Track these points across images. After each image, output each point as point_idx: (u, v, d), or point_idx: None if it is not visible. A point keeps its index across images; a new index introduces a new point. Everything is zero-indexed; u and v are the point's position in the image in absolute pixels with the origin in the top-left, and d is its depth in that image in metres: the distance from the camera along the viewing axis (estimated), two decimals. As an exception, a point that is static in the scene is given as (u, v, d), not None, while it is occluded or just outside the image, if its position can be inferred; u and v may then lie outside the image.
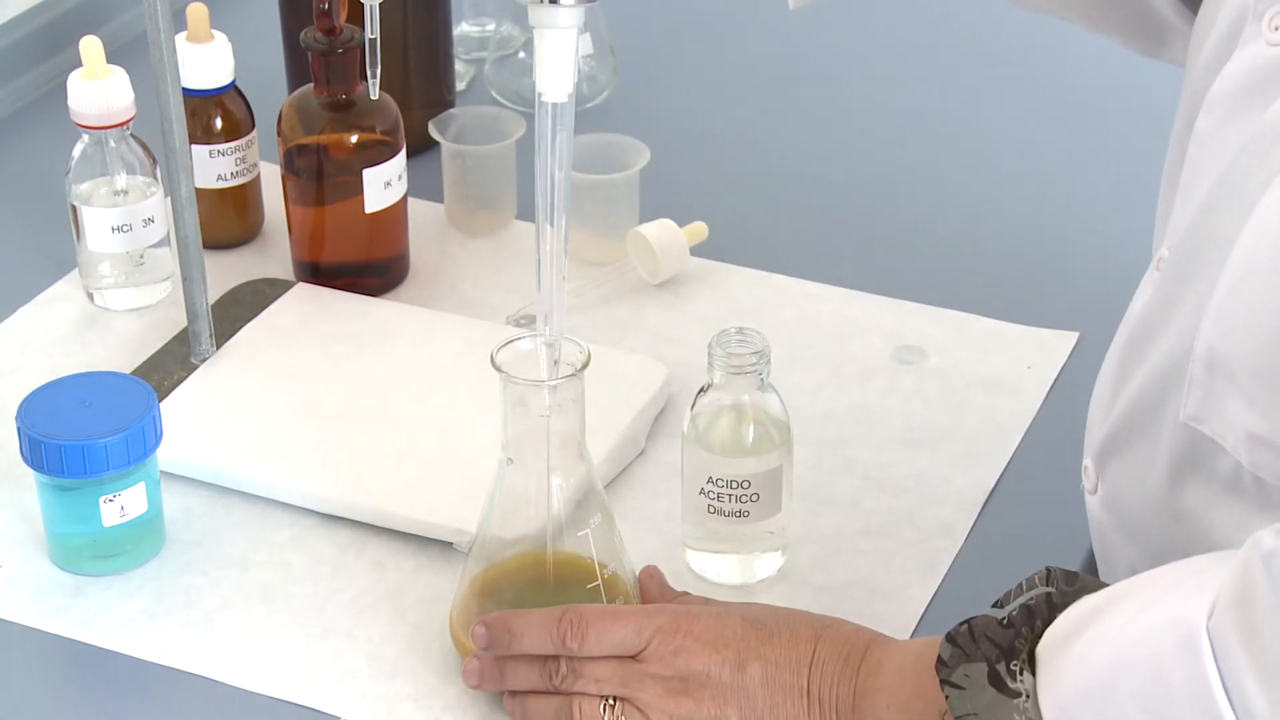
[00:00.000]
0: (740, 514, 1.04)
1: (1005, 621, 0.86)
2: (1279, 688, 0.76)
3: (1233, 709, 0.77)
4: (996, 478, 1.14)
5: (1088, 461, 1.00)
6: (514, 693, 0.97)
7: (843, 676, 0.92)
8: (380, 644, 1.03)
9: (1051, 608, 0.86)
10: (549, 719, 0.95)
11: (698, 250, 1.31)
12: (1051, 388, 1.21)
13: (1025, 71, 1.57)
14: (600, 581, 0.98)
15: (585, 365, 0.95)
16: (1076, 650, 0.83)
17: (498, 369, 0.95)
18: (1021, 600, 0.87)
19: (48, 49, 1.53)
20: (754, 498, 1.04)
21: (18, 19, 1.52)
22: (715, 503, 1.05)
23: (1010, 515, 1.12)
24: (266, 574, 1.08)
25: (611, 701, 0.94)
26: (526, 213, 1.37)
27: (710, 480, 1.04)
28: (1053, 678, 0.83)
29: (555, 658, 0.95)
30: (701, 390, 1.05)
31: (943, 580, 1.07)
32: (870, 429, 1.18)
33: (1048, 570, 0.88)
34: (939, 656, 0.87)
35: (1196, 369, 0.87)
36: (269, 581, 1.07)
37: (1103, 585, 0.86)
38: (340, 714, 0.99)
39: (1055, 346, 1.24)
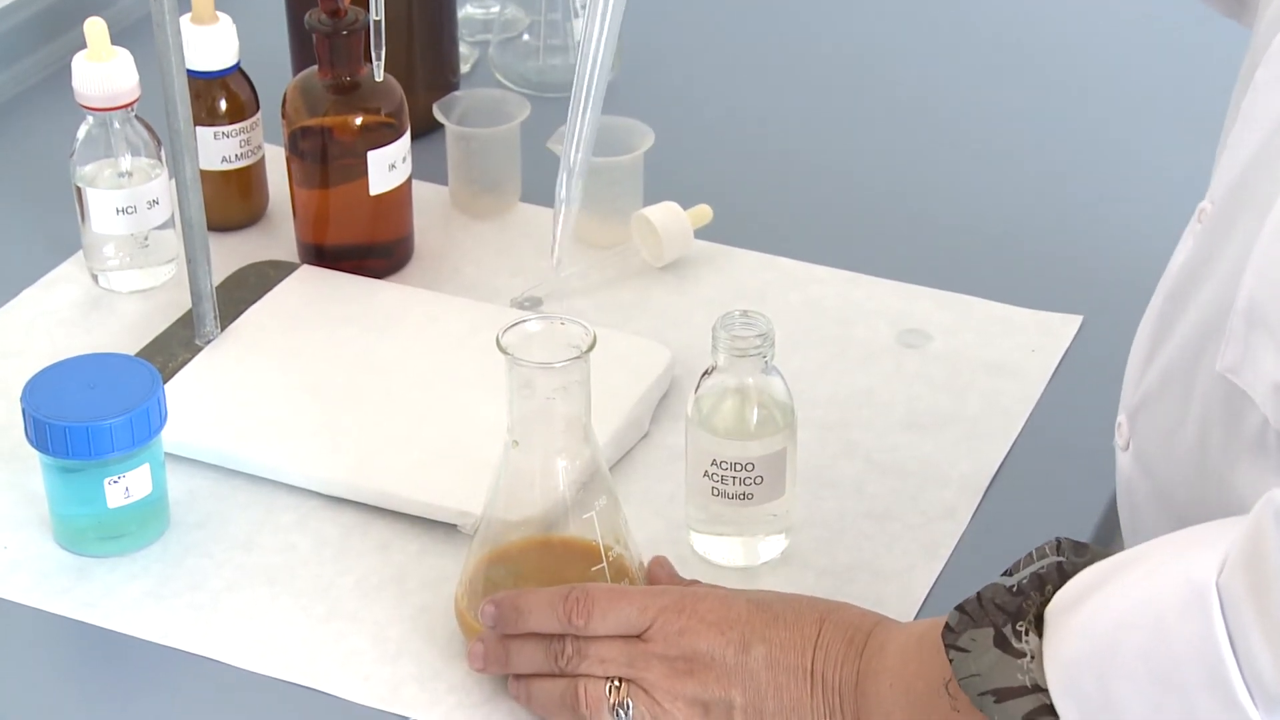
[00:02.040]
0: (744, 497, 1.04)
1: (1014, 589, 0.86)
2: None
3: (1239, 666, 0.77)
4: (1000, 461, 1.14)
5: (1121, 418, 1.00)
6: (519, 676, 0.97)
7: (846, 658, 0.92)
8: (385, 626, 1.03)
9: (1062, 575, 0.86)
10: (554, 701, 0.95)
11: (702, 233, 1.31)
12: (1055, 371, 1.21)
13: (1030, 54, 1.56)
14: (605, 564, 0.98)
15: (590, 348, 0.95)
16: (1083, 612, 0.83)
17: (503, 351, 0.95)
18: (1032, 569, 0.87)
19: (52, 31, 1.53)
20: (758, 480, 1.04)
21: (22, 1, 1.52)
22: (719, 485, 1.05)
23: (1013, 499, 1.12)
24: (271, 556, 1.08)
25: (616, 683, 0.94)
26: (531, 195, 1.37)
27: (714, 463, 1.04)
28: (1057, 639, 0.83)
29: (561, 638, 0.95)
30: (705, 373, 1.05)
31: (946, 563, 1.07)
32: (874, 412, 1.18)
33: (1058, 540, 0.88)
34: (946, 624, 0.87)
35: (1236, 321, 0.87)
36: (273, 563, 1.07)
37: (1106, 554, 0.86)
38: (344, 696, 0.99)
39: (1059, 330, 1.24)
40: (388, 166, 1.26)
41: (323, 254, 1.29)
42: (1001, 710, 0.85)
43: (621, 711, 0.94)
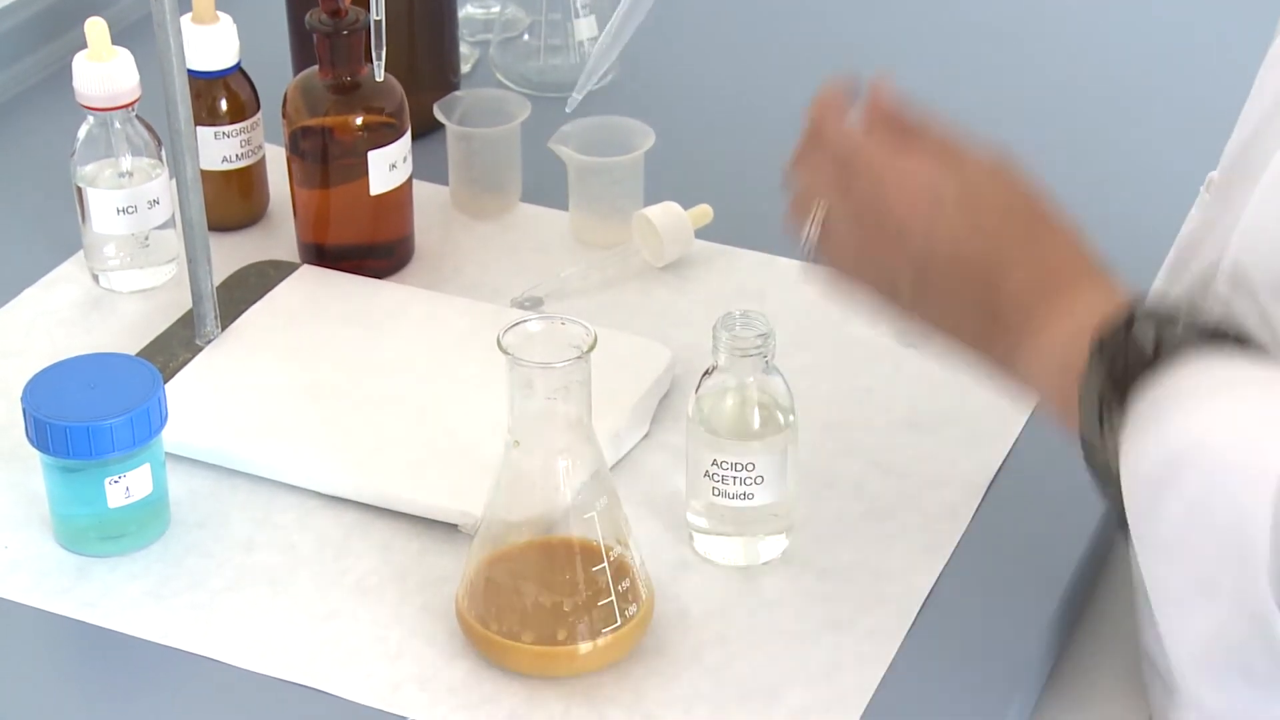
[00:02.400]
0: (744, 496, 1.04)
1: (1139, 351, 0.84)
2: None
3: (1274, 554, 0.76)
4: (1001, 461, 1.14)
5: None
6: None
7: (1036, 302, 0.90)
8: (385, 626, 1.03)
9: (1166, 358, 0.83)
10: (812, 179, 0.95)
11: (703, 233, 1.31)
12: (1056, 371, 1.21)
13: (1030, 53, 1.56)
14: (606, 564, 0.98)
15: (591, 348, 0.95)
16: (1170, 420, 0.81)
17: (504, 351, 0.95)
18: (1163, 334, 0.84)
19: (52, 30, 1.53)
20: (758, 480, 1.04)
21: (22, 0, 1.52)
22: (720, 485, 1.05)
23: (1014, 498, 1.12)
24: (271, 556, 1.08)
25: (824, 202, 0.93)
26: (531, 195, 1.37)
27: (715, 463, 1.04)
28: (1134, 448, 0.82)
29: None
30: (706, 373, 1.05)
31: (946, 563, 1.07)
32: (875, 412, 1.18)
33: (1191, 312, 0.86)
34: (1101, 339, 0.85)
35: (1222, 284, 0.87)
36: (274, 563, 1.07)
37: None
38: (344, 696, 0.99)
39: (1060, 330, 1.24)
40: (388, 166, 1.26)
41: (323, 254, 1.29)
42: (1087, 452, 0.87)
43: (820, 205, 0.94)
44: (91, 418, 1.03)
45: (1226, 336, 0.84)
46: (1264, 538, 0.77)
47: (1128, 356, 0.84)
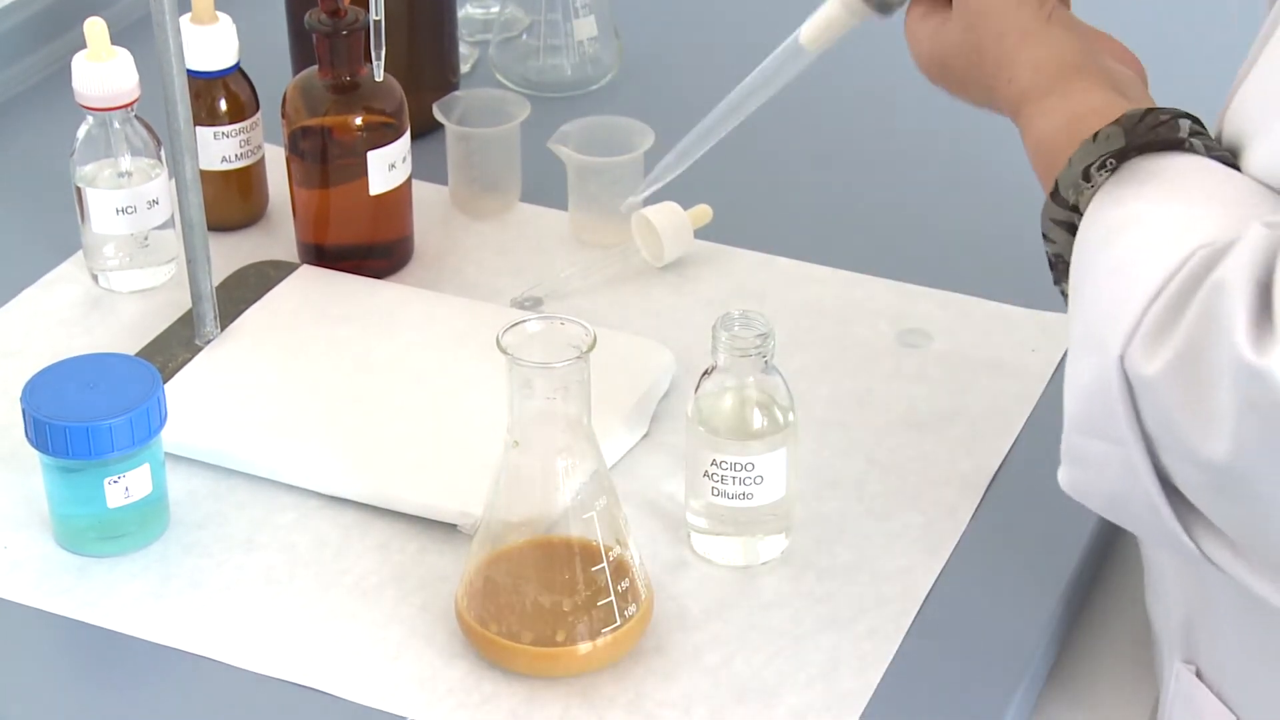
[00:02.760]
0: (744, 496, 1.04)
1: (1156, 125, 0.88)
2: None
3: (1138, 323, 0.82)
4: (1000, 460, 1.14)
5: None
6: None
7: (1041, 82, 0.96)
8: (385, 626, 1.03)
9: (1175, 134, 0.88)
10: None
11: (702, 233, 1.31)
12: (1055, 371, 1.21)
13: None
14: (606, 564, 0.98)
15: (590, 348, 0.95)
16: (1130, 191, 0.86)
17: (503, 351, 0.95)
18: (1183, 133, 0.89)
19: (52, 30, 1.53)
20: (758, 480, 1.04)
21: (22, 1, 1.52)
22: (719, 485, 1.05)
23: (1014, 498, 1.12)
24: (271, 556, 1.08)
25: None
26: (530, 195, 1.37)
27: (714, 463, 1.04)
28: (1096, 205, 0.87)
29: None
30: (706, 373, 1.05)
31: (946, 563, 1.07)
32: (874, 412, 1.18)
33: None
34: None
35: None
36: (273, 563, 1.07)
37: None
38: (344, 696, 0.99)
39: (1059, 329, 1.24)
40: (388, 166, 1.26)
41: (323, 254, 1.29)
42: (1050, 205, 0.90)
43: None
44: (91, 418, 1.03)
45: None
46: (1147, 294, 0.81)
47: (1153, 132, 0.88)
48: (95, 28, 1.24)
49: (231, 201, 1.33)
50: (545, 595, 0.98)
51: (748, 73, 1.30)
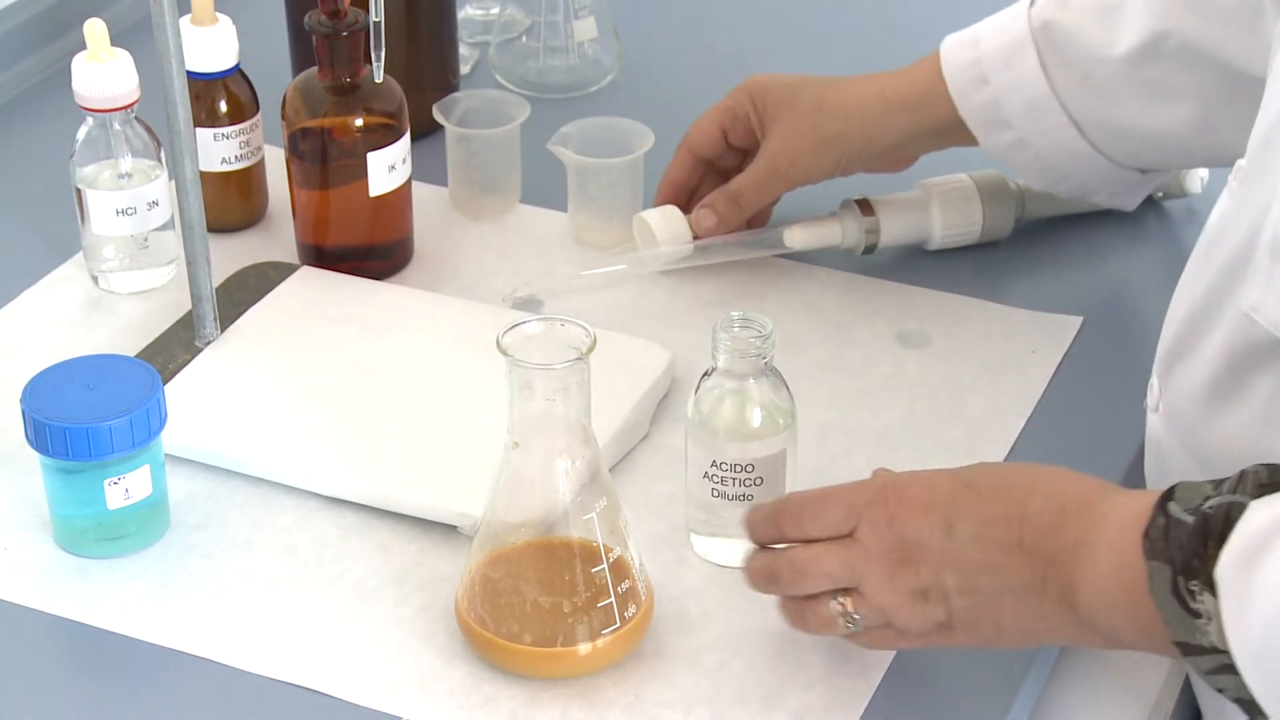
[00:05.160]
0: (744, 498, 1.04)
1: (1194, 527, 0.83)
2: None
3: None
4: (1000, 461, 1.14)
5: (1154, 379, 1.00)
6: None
7: (1059, 527, 0.90)
8: (384, 627, 1.03)
9: (1228, 523, 0.82)
10: (797, 622, 0.97)
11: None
12: (1055, 372, 1.21)
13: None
14: (606, 565, 0.98)
15: (590, 349, 0.95)
16: (1263, 571, 0.80)
17: (503, 353, 0.95)
18: (1205, 506, 0.84)
19: (52, 32, 1.53)
20: (758, 481, 1.04)
21: (22, 2, 1.52)
22: (719, 486, 1.05)
23: (1014, 500, 1.12)
24: (271, 557, 1.08)
25: (841, 598, 0.94)
26: (530, 196, 1.37)
27: (714, 464, 1.04)
28: (1237, 603, 0.81)
29: (777, 560, 0.96)
30: (705, 374, 1.05)
31: (946, 564, 1.07)
32: (874, 413, 1.18)
33: (1240, 474, 0.84)
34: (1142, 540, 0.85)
35: (1262, 256, 0.87)
36: (273, 564, 1.07)
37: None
38: (344, 697, 0.99)
39: (1059, 331, 1.24)
40: (387, 168, 1.26)
41: (323, 255, 1.29)
42: (1190, 663, 0.84)
43: (850, 622, 0.95)
44: (91, 419, 1.03)
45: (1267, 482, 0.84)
46: None
47: (1182, 540, 0.84)
48: (95, 29, 1.24)
49: (231, 203, 1.33)
50: (545, 596, 0.98)
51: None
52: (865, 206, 1.30)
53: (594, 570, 0.98)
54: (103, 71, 1.23)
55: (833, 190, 1.31)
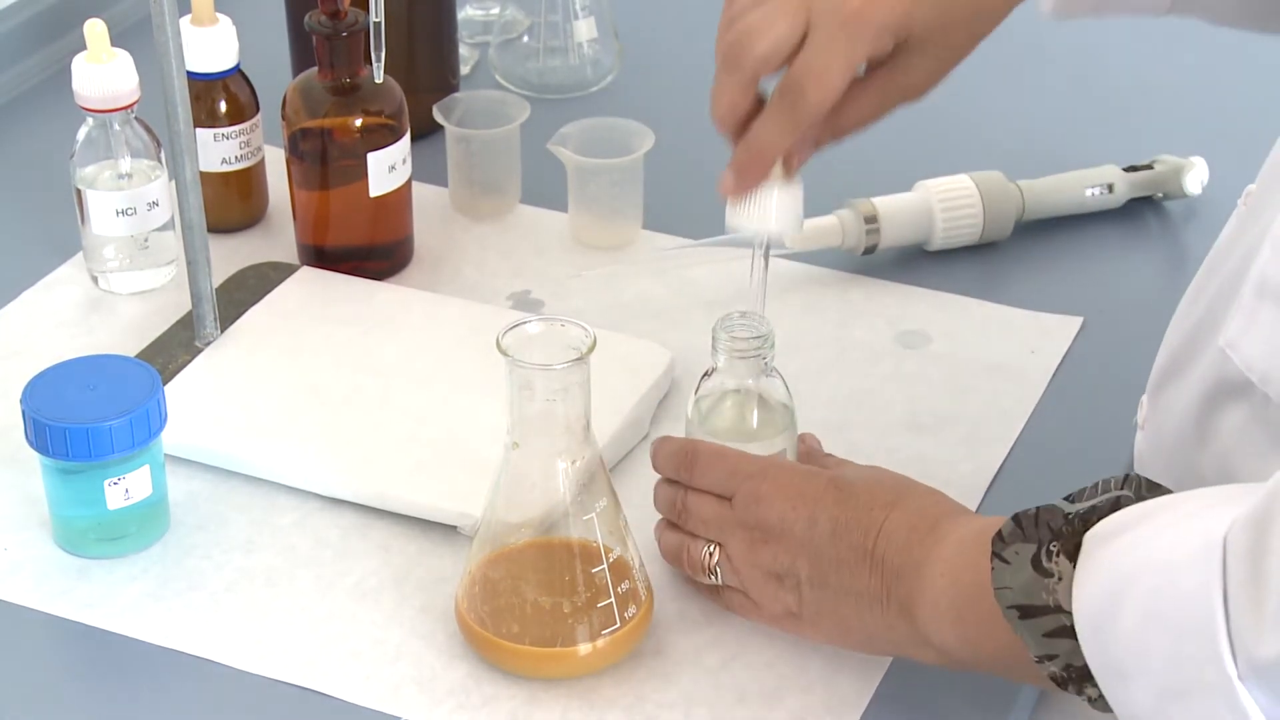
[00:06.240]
0: (744, 498, 1.04)
1: (1069, 516, 0.87)
2: (1269, 613, 0.76)
3: (1227, 621, 0.78)
4: (1000, 462, 1.14)
5: (1144, 397, 1.01)
6: (662, 521, 1.05)
7: (908, 544, 0.94)
8: (384, 628, 1.03)
9: (1113, 509, 0.86)
10: (673, 555, 1.03)
11: (702, 234, 1.31)
12: (1055, 373, 1.21)
13: (1027, 53, 1.56)
14: (606, 565, 0.98)
15: (590, 349, 0.95)
16: (1113, 547, 0.83)
17: (503, 353, 0.95)
18: (1093, 501, 0.87)
19: (52, 32, 1.53)
20: (758, 482, 1.04)
21: (22, 2, 1.52)
22: (719, 487, 1.05)
23: (1014, 500, 1.11)
24: (271, 557, 1.08)
25: (712, 548, 1.00)
26: (530, 197, 1.37)
27: (714, 464, 1.04)
28: (1087, 568, 0.84)
29: (677, 493, 1.02)
30: (705, 374, 1.05)
31: (946, 565, 1.07)
32: (874, 413, 1.18)
33: (1126, 475, 0.88)
34: (999, 531, 0.88)
35: (1246, 293, 0.87)
36: (273, 565, 1.07)
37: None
38: (344, 697, 0.99)
39: (1059, 331, 1.24)
40: (388, 168, 1.26)
41: (323, 256, 1.29)
42: (1025, 626, 0.87)
43: (714, 575, 1.00)
44: (91, 419, 1.03)
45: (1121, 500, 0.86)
46: (1218, 601, 0.78)
47: (1057, 521, 0.87)
48: (95, 29, 1.24)
49: (231, 203, 1.33)
50: (545, 597, 0.98)
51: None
52: (865, 206, 1.30)
53: (594, 571, 0.98)
54: (103, 72, 1.23)
55: (833, 190, 1.31)
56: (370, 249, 1.29)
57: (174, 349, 1.20)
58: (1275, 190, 0.90)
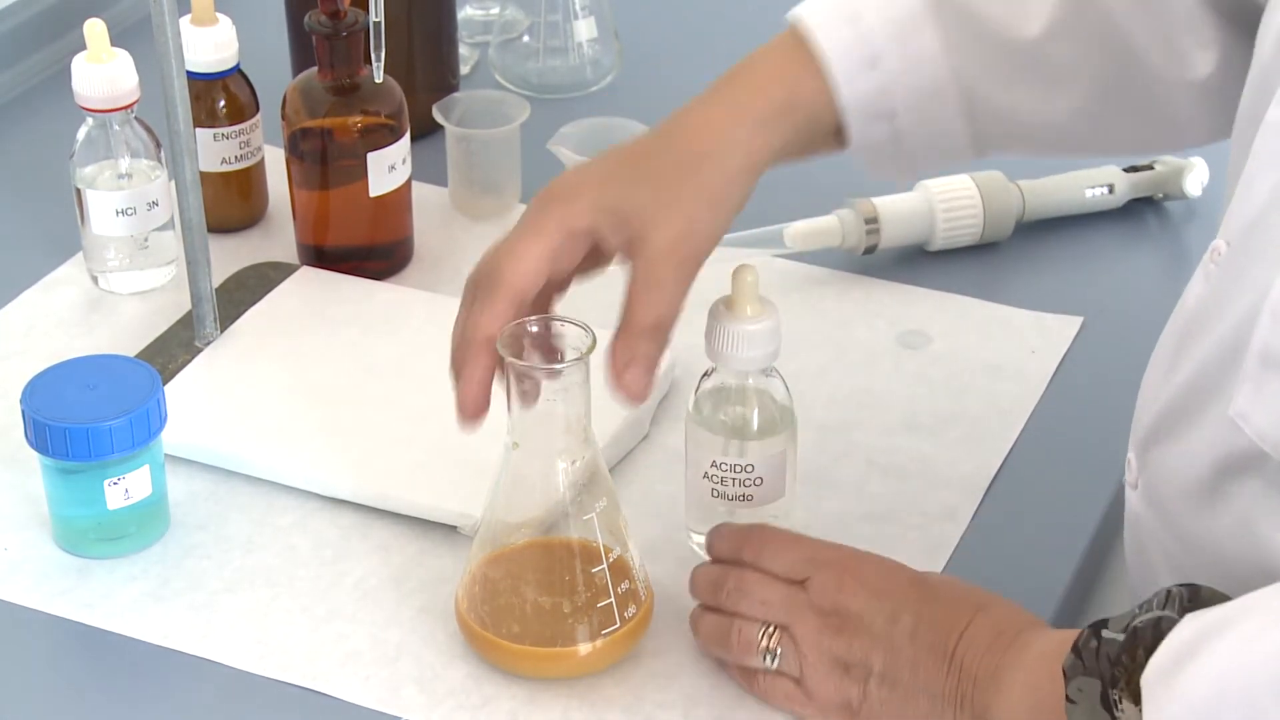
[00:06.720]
0: (744, 498, 1.04)
1: (1121, 647, 0.84)
2: None
3: None
4: (1000, 462, 1.14)
5: (1130, 455, 0.99)
6: (700, 606, 1.00)
7: (990, 650, 0.92)
8: (384, 628, 1.03)
9: (1158, 635, 0.83)
10: (713, 634, 0.99)
11: (702, 234, 1.31)
12: (1055, 373, 1.21)
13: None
14: (606, 565, 0.98)
15: (591, 349, 0.95)
16: (1181, 682, 0.81)
17: (504, 353, 0.95)
18: (1140, 619, 0.84)
19: (52, 32, 1.53)
20: (757, 482, 1.04)
21: (22, 2, 1.52)
22: (719, 486, 1.05)
23: (1014, 500, 1.12)
24: (271, 557, 1.08)
25: (770, 629, 0.96)
26: (530, 196, 1.36)
27: (714, 464, 1.04)
28: (1157, 709, 0.81)
29: (726, 572, 0.98)
30: (705, 374, 1.05)
31: (946, 565, 1.07)
32: (874, 413, 1.18)
33: (1167, 592, 0.85)
34: (1064, 666, 0.86)
35: (1250, 363, 0.86)
36: (273, 565, 1.07)
37: (1220, 597, 0.84)
38: (344, 697, 0.99)
39: (1059, 331, 1.25)
40: (387, 168, 1.26)
41: (323, 256, 1.29)
42: None
43: (770, 657, 0.96)
44: (91, 419, 1.03)
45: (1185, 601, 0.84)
46: None
47: (1112, 654, 0.84)
48: (95, 29, 1.24)
49: (231, 203, 1.33)
50: (545, 597, 0.98)
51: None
52: (865, 206, 1.30)
53: (594, 570, 0.98)
54: (103, 72, 1.23)
55: (833, 190, 1.31)
56: (370, 249, 1.29)
57: (174, 349, 1.20)
58: (1254, 251, 0.88)
